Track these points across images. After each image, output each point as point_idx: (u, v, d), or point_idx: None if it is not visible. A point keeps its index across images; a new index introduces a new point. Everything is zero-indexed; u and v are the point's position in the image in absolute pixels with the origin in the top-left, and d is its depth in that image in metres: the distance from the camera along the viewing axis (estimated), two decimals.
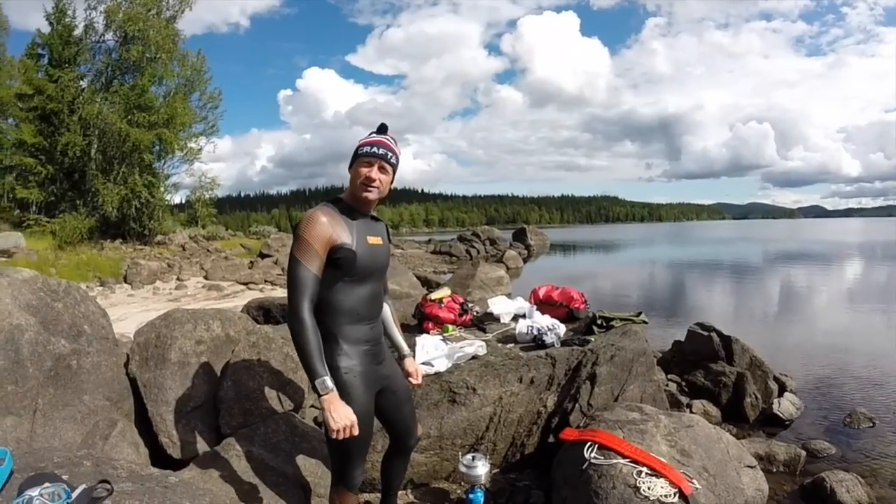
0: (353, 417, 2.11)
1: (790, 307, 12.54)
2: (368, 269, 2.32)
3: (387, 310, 2.74)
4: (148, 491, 1.91)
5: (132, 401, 3.35)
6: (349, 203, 2.35)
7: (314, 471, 3.02)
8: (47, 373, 2.91)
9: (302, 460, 3.05)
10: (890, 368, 6.78)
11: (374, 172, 2.29)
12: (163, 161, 27.54)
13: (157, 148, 26.10)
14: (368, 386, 2.34)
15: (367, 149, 2.31)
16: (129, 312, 10.75)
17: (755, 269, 22.46)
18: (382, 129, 2.40)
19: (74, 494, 1.73)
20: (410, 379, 2.76)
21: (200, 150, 28.01)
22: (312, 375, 2.08)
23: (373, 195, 2.32)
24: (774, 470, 4.11)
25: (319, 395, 2.08)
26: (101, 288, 14.14)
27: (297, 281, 2.15)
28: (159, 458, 3.20)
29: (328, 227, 2.19)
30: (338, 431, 2.07)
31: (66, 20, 24.80)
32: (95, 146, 23.92)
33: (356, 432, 2.13)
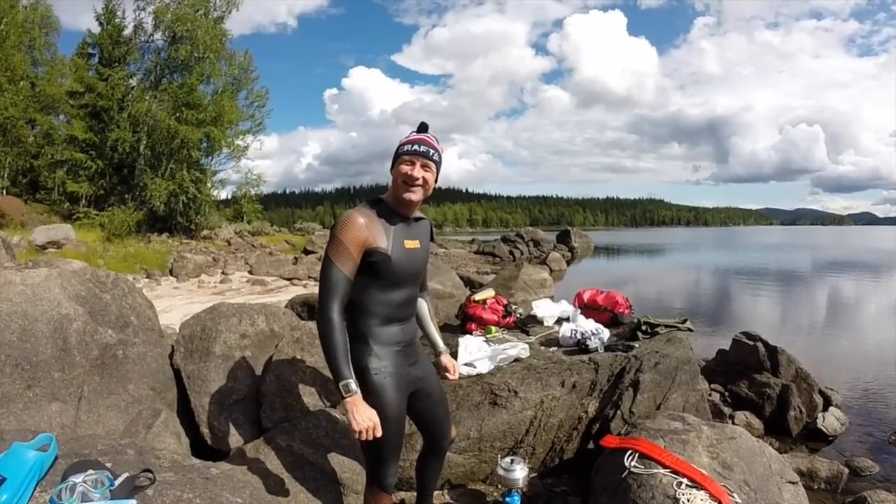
0: (376, 418, 2.10)
1: (838, 318, 12.21)
2: (403, 273, 2.28)
3: (423, 306, 2.71)
4: (189, 482, 1.92)
5: (175, 391, 3.40)
6: (390, 205, 2.29)
7: (352, 468, 3.02)
8: (94, 361, 2.97)
9: (341, 457, 3.05)
10: None
11: (417, 171, 2.22)
12: (210, 157, 28.18)
13: (205, 145, 26.69)
14: (400, 387, 2.31)
15: (408, 147, 2.25)
16: (175, 305, 10.95)
17: (803, 277, 21.94)
18: (423, 127, 2.34)
19: (117, 482, 1.74)
20: (447, 374, 2.75)
21: (247, 147, 28.65)
22: (337, 377, 2.08)
23: (415, 195, 2.25)
24: (816, 486, 4.02)
25: (343, 397, 2.07)
26: (147, 280, 14.44)
27: (328, 281, 2.13)
28: (200, 448, 3.24)
29: (364, 230, 2.15)
30: (360, 433, 2.07)
31: (116, 21, 25.52)
32: (144, 142, 24.50)
33: (378, 433, 2.11)
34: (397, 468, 2.42)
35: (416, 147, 2.24)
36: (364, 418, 2.07)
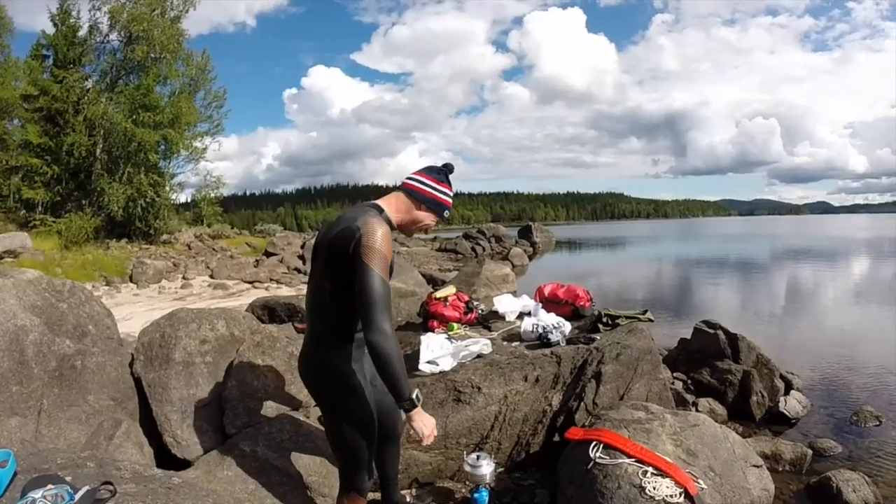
0: (434, 421, 2.19)
1: (797, 304, 12.49)
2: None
3: None
4: (151, 493, 1.90)
5: (137, 401, 3.35)
6: (389, 217, 2.35)
7: (318, 470, 3.02)
8: (52, 373, 2.91)
9: (306, 460, 3.05)
10: None
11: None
12: (168, 160, 27.59)
13: (163, 147, 26.14)
14: (370, 386, 2.35)
15: (447, 212, 2.44)
16: (135, 312, 10.78)
17: (761, 266, 22.41)
18: (451, 169, 2.50)
19: (77, 496, 1.73)
20: None
21: (205, 149, 28.09)
22: (407, 391, 2.09)
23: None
24: (780, 469, 4.09)
25: (414, 408, 2.11)
26: (106, 287, 14.15)
27: (379, 295, 2.05)
28: (164, 457, 3.20)
29: (392, 243, 2.21)
30: (428, 437, 2.14)
31: (71, 21, 24.80)
32: (101, 146, 23.95)
33: (435, 433, 2.20)
34: (373, 469, 2.45)
35: (448, 213, 2.46)
36: (430, 424, 2.15)
